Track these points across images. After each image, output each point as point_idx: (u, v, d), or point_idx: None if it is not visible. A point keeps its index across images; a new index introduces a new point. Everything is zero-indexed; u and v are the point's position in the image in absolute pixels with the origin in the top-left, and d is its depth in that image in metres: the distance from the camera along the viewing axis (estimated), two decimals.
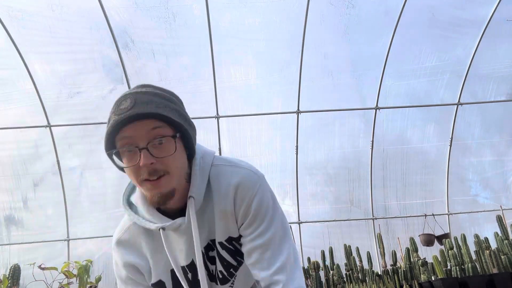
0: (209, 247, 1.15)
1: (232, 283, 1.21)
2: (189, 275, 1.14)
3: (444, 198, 6.52)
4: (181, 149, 1.04)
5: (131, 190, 1.18)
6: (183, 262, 1.13)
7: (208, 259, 1.16)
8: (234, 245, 1.14)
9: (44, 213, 6.19)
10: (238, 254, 1.17)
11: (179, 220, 1.06)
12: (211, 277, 1.19)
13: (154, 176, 0.98)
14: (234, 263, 1.18)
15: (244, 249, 1.12)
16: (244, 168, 1.12)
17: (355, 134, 6.48)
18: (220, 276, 1.19)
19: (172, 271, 1.14)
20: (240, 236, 1.13)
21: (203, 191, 1.08)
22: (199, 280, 1.07)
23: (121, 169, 1.03)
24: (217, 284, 1.20)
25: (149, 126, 0.97)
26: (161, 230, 1.06)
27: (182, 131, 1.03)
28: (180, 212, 1.09)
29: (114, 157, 1.02)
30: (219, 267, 1.17)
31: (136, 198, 1.13)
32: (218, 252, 1.15)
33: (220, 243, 1.13)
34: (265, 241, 1.07)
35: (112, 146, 0.99)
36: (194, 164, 1.10)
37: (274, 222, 1.09)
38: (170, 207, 1.09)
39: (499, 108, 6.42)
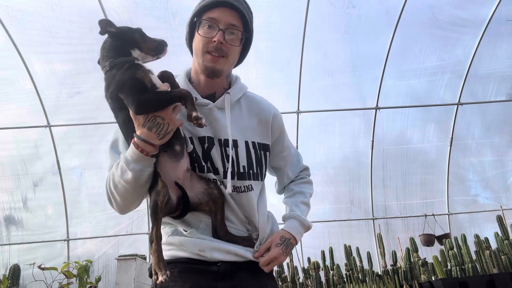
0: (226, 143, 1.30)
1: (250, 187, 1.32)
2: (205, 145, 1.30)
3: (444, 198, 6.51)
4: (239, 50, 1.35)
5: None
6: (203, 132, 1.29)
7: (226, 156, 1.30)
8: (259, 153, 1.37)
9: (44, 213, 6.19)
10: (258, 164, 1.36)
11: (208, 101, 1.31)
12: (224, 173, 1.30)
13: (216, 52, 1.27)
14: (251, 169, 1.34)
15: (275, 160, 1.49)
16: None
17: (355, 134, 6.47)
18: (242, 170, 1.32)
19: (190, 138, 1.29)
20: (268, 145, 1.42)
21: (236, 98, 1.38)
22: (210, 154, 1.27)
23: (191, 38, 1.36)
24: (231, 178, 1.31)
25: (232, 17, 1.28)
26: (194, 98, 1.25)
27: (248, 37, 1.35)
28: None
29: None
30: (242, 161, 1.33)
31: (178, 79, 1.36)
32: (237, 152, 1.32)
33: (252, 143, 1.36)
34: (291, 153, 1.53)
35: (198, 17, 1.30)
36: (237, 78, 1.44)
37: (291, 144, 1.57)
38: (203, 90, 1.35)
39: (499, 108, 6.42)
